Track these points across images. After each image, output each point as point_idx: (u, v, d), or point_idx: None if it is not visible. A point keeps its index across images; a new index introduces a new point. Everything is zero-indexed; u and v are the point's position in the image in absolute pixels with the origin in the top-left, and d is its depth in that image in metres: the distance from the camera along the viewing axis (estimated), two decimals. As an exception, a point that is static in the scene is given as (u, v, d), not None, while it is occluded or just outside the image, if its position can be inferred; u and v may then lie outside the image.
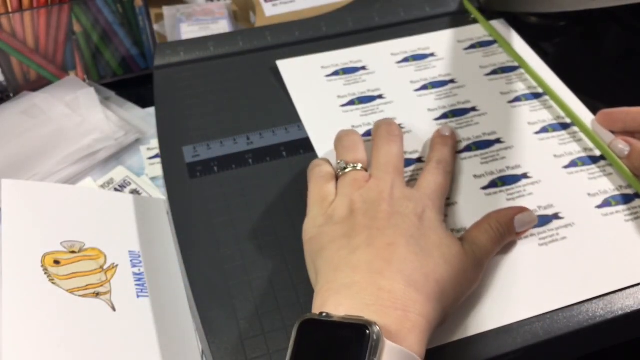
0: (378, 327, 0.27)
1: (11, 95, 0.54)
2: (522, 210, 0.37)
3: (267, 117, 0.47)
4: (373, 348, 0.27)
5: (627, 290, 0.36)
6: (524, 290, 0.36)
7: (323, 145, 0.44)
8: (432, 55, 0.52)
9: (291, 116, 0.47)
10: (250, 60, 0.52)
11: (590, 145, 0.44)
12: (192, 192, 0.41)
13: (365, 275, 0.31)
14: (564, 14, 0.59)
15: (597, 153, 0.44)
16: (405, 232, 0.33)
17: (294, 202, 0.40)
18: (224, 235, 0.39)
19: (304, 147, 0.44)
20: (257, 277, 0.37)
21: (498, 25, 0.55)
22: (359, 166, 0.38)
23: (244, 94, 0.49)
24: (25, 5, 0.50)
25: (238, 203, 0.41)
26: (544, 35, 0.59)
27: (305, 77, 0.50)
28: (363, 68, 0.51)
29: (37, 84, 0.54)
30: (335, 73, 0.50)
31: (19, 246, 0.37)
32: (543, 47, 0.52)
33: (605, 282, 0.36)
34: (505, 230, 0.36)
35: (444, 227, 0.35)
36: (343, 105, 0.47)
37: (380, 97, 0.48)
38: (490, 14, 0.56)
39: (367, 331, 0.27)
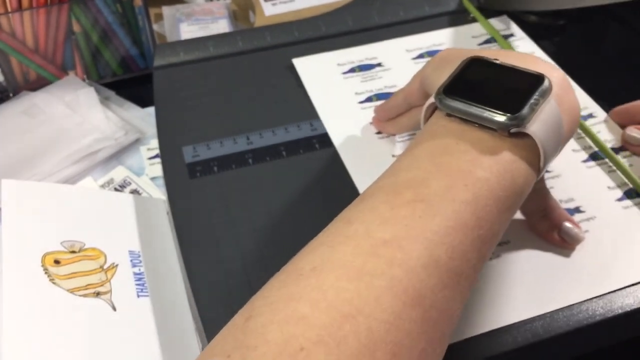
0: (550, 82, 0.29)
1: (11, 95, 0.54)
2: (573, 222, 0.38)
3: (266, 117, 0.47)
4: (544, 92, 0.28)
5: (627, 289, 0.36)
6: (526, 289, 0.36)
7: (342, 141, 0.44)
8: None
9: (291, 116, 0.47)
10: (251, 60, 0.52)
11: (609, 137, 0.44)
12: (192, 192, 0.41)
13: None
14: (563, 12, 0.59)
15: (616, 146, 0.44)
16: None
17: (293, 202, 0.40)
18: (224, 235, 0.39)
19: (303, 147, 0.44)
20: (257, 277, 0.36)
21: (497, 23, 0.55)
22: None
23: (244, 94, 0.49)
24: (24, 5, 0.50)
25: (238, 203, 0.41)
26: (544, 34, 0.59)
27: (321, 75, 0.50)
28: (379, 65, 0.51)
29: (37, 84, 0.54)
30: (352, 70, 0.50)
31: (19, 246, 0.37)
32: (543, 46, 0.53)
33: (627, 275, 0.36)
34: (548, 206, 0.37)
35: None
36: (361, 102, 0.48)
37: None
38: (489, 13, 0.56)
39: (544, 80, 0.28)
